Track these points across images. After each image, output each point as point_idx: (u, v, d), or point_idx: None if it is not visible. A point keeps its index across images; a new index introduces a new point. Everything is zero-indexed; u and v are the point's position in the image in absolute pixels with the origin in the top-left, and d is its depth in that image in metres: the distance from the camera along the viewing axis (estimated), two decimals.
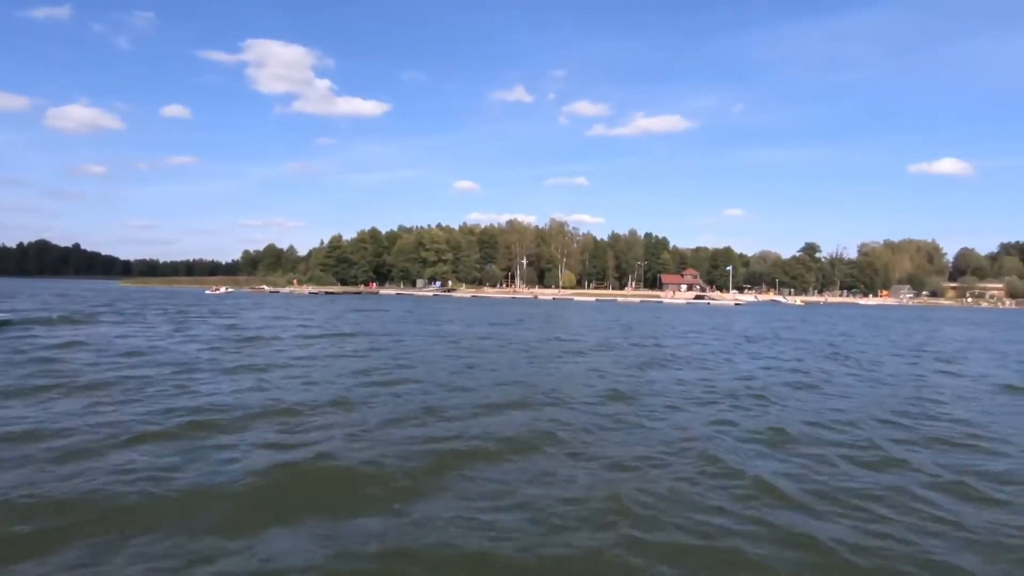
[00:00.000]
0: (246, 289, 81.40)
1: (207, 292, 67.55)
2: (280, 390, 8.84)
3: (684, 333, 23.05)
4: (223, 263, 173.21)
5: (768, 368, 13.07)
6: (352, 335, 18.55)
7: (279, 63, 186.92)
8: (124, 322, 21.23)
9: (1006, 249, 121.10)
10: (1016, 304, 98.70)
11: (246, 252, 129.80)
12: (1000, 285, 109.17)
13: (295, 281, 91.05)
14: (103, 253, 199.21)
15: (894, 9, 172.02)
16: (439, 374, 10.87)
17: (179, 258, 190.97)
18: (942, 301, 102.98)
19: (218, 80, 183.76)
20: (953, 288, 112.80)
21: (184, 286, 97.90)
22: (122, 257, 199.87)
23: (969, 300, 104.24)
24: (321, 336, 18.08)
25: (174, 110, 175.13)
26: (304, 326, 22.05)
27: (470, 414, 7.49)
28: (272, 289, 79.50)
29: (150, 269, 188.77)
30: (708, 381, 10.78)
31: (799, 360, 14.72)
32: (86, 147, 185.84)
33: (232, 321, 23.49)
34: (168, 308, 31.97)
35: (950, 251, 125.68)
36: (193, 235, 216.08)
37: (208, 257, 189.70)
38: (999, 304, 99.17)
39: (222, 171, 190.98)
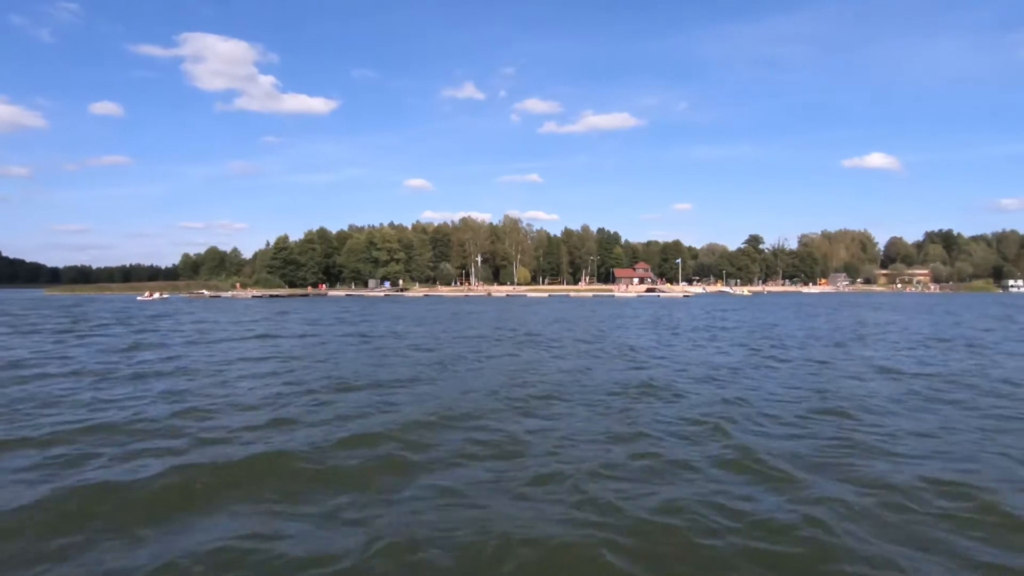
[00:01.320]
0: (184, 294, 77.25)
1: (139, 298, 63.62)
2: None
3: (578, 327, 22.83)
4: (163, 268, 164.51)
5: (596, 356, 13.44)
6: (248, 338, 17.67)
7: (219, 59, 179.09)
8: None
9: (930, 238, 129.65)
10: (939, 288, 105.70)
11: (186, 255, 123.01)
12: (926, 271, 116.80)
13: (238, 285, 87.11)
14: (28, 260, 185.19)
15: (827, 13, 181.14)
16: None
17: (115, 264, 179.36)
18: (875, 287, 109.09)
19: (152, 76, 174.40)
20: (884, 275, 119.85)
21: (117, 293, 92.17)
22: (51, 264, 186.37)
23: (899, 285, 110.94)
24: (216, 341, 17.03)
25: (104, 107, 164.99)
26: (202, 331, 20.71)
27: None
28: (213, 293, 75.70)
29: (82, 276, 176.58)
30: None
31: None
32: (6, 147, 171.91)
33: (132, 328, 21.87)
34: (72, 317, 29.63)
35: (881, 240, 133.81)
36: (130, 239, 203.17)
37: (147, 262, 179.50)
38: (925, 289, 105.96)
39: (159, 172, 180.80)
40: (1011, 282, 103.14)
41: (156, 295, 68.64)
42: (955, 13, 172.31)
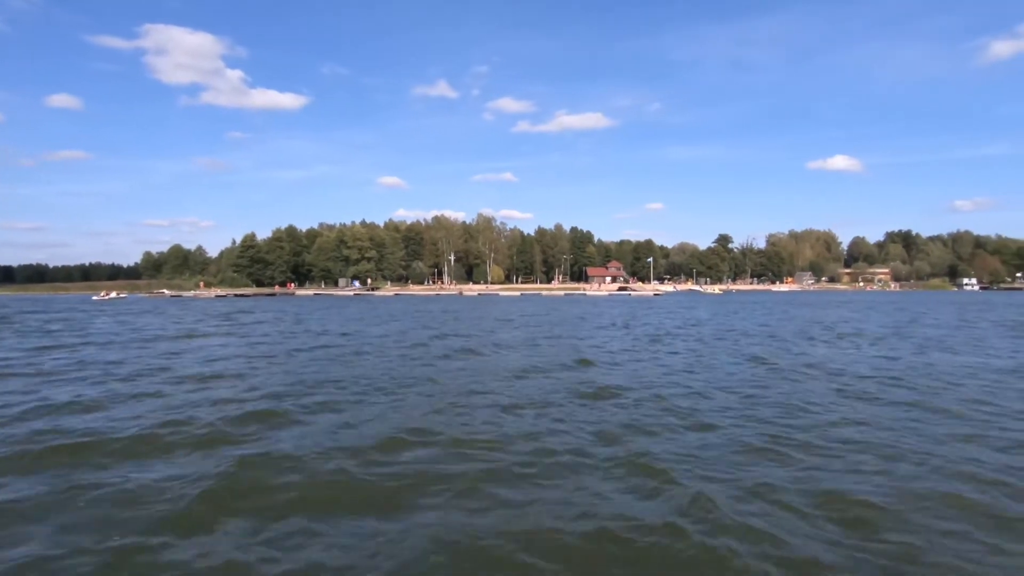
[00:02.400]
0: (143, 294, 74.67)
1: (94, 298, 61.27)
2: None
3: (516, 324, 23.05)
4: (124, 267, 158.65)
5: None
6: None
7: (183, 51, 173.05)
8: None
9: (891, 237, 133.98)
10: (899, 286, 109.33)
11: (148, 254, 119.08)
12: (886, 270, 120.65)
13: (202, 284, 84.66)
14: None
15: (796, 16, 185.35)
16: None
17: (73, 262, 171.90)
18: (838, 286, 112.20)
19: (113, 68, 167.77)
20: (848, 273, 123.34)
21: (73, 292, 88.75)
22: (4, 263, 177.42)
23: (861, 284, 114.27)
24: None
25: (62, 100, 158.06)
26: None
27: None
28: (174, 293, 73.35)
29: (37, 275, 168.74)
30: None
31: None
32: None
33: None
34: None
35: (845, 240, 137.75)
36: (90, 237, 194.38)
37: (108, 261, 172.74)
38: (886, 287, 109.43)
39: (121, 167, 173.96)
40: (965, 280, 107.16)
41: (112, 294, 66.18)
42: (918, 20, 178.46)
